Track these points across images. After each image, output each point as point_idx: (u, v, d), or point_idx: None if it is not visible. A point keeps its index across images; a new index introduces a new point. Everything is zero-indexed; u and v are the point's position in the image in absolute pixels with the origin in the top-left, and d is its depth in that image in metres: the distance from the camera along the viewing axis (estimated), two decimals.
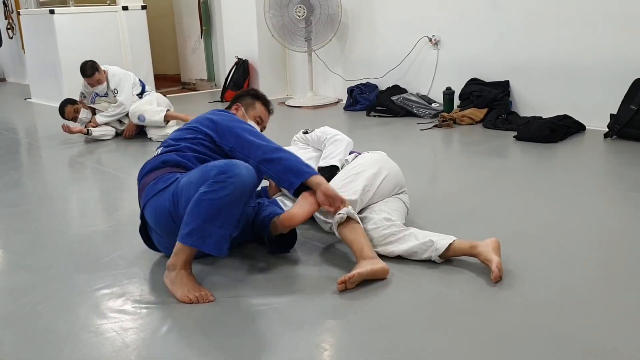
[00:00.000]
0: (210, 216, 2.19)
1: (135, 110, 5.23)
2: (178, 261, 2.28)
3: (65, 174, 4.44)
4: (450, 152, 4.80)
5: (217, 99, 7.37)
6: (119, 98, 5.28)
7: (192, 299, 2.23)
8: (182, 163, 2.53)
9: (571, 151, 4.34)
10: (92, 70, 5.19)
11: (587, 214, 3.05)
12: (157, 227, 2.47)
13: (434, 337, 1.96)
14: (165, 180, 2.44)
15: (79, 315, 2.19)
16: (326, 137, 3.04)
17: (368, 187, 2.68)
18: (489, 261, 2.30)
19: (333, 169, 2.87)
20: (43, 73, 7.72)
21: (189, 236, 2.22)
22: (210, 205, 2.19)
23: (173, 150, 2.59)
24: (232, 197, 2.21)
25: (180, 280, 2.27)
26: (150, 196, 2.44)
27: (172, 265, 2.30)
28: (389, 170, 2.82)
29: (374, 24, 6.38)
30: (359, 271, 2.28)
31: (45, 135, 5.96)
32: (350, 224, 2.48)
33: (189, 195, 2.26)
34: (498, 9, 5.32)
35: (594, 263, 2.47)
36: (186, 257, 2.29)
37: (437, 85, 5.85)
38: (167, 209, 2.37)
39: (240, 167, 2.25)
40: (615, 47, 4.69)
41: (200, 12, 8.39)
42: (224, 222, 2.22)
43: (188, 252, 2.28)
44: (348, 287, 2.27)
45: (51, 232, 3.12)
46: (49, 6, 7.57)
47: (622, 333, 1.94)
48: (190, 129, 2.66)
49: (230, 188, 2.20)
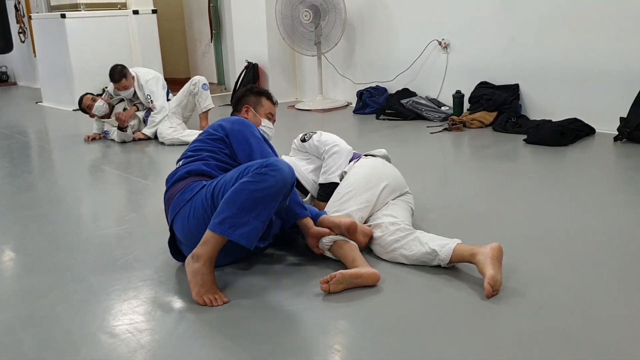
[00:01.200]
0: (247, 206, 2.19)
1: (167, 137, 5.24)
2: (204, 252, 2.25)
3: (77, 176, 4.48)
4: (460, 155, 4.81)
5: (227, 103, 7.41)
6: (157, 104, 5.32)
7: (205, 302, 2.24)
8: (207, 172, 2.54)
9: (581, 155, 4.34)
10: (119, 75, 5.26)
11: (597, 218, 3.05)
12: (188, 238, 2.44)
13: (444, 340, 1.97)
14: (191, 189, 2.45)
15: (95, 316, 2.22)
16: (324, 148, 2.98)
17: (366, 204, 2.71)
18: (483, 275, 2.24)
19: (333, 186, 2.89)
20: (54, 77, 7.79)
21: (220, 224, 2.21)
22: (249, 195, 2.20)
23: (196, 159, 2.60)
24: (272, 191, 2.22)
25: (201, 278, 2.26)
26: (179, 208, 2.44)
27: (196, 256, 2.26)
28: (387, 180, 2.81)
29: (383, 28, 6.40)
30: (342, 271, 2.30)
31: (56, 138, 6.02)
32: (339, 243, 2.52)
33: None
34: (509, 11, 5.33)
35: (604, 266, 2.47)
36: (213, 248, 2.25)
37: (447, 88, 5.87)
38: (201, 213, 2.37)
39: (282, 163, 2.30)
40: (624, 51, 4.69)
41: (210, 15, 8.44)
42: (259, 214, 2.22)
43: (216, 243, 2.24)
44: (332, 289, 2.27)
45: (66, 235, 3.15)
46: (60, 10, 7.64)
47: (634, 336, 1.94)
48: (208, 139, 2.68)
49: (271, 181, 2.22)
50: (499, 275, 2.22)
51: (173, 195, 2.51)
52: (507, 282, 2.31)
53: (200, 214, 2.37)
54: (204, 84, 5.36)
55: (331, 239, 2.52)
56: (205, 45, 8.81)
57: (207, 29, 8.64)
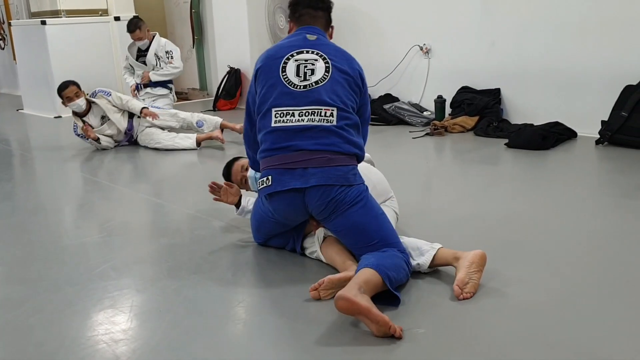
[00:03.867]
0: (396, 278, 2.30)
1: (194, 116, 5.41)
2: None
3: (57, 184, 4.43)
4: (442, 160, 4.81)
5: (210, 108, 7.38)
6: (175, 62, 6.38)
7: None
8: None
9: (563, 158, 4.36)
10: (134, 26, 6.21)
11: (578, 221, 3.06)
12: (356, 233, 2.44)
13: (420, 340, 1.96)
14: (362, 180, 2.50)
15: (70, 327, 2.18)
16: None
17: None
18: (455, 278, 2.28)
19: None
20: (35, 84, 7.71)
21: (390, 280, 2.23)
22: (399, 272, 2.32)
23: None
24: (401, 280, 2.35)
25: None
26: (361, 196, 2.43)
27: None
28: (372, 185, 2.78)
29: (365, 34, 6.40)
30: (329, 277, 2.28)
31: (37, 146, 5.95)
32: (330, 242, 2.53)
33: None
34: (489, 16, 5.35)
35: (586, 269, 2.47)
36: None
37: (429, 93, 5.88)
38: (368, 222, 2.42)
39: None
40: (605, 54, 4.72)
41: (192, 21, 8.41)
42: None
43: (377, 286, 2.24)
44: (322, 295, 2.26)
45: (43, 244, 3.10)
46: (40, 17, 7.57)
47: (613, 339, 1.94)
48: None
49: (404, 279, 2.37)
50: (468, 278, 2.24)
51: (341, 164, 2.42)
52: (488, 284, 2.31)
53: (367, 220, 2.40)
54: (197, 122, 5.38)
55: (324, 231, 2.55)
56: (187, 51, 8.77)
57: (189, 35, 8.60)
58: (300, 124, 2.40)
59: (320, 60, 2.50)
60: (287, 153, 2.40)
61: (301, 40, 2.57)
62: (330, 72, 2.47)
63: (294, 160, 2.38)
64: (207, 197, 3.05)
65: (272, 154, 2.44)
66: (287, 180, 2.38)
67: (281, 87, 2.45)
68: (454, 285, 2.24)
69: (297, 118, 2.40)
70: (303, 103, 2.42)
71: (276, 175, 2.41)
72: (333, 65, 2.49)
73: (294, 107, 2.42)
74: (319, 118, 2.40)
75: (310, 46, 2.54)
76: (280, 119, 2.42)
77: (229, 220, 3.19)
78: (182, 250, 2.86)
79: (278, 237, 2.73)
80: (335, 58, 2.53)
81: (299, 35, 2.61)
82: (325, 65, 2.48)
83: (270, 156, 2.45)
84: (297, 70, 2.47)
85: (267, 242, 2.79)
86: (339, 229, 2.44)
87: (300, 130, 2.39)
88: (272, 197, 2.46)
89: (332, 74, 2.47)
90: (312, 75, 2.46)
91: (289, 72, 2.47)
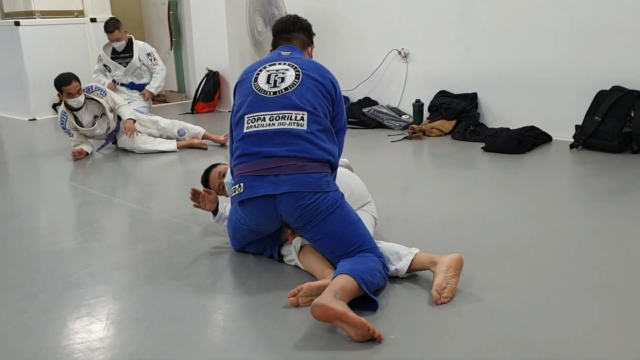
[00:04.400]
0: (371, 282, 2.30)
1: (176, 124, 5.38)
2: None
3: (32, 189, 4.36)
4: (420, 163, 4.84)
5: (188, 111, 7.34)
6: (159, 62, 6.52)
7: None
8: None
9: (538, 162, 4.41)
10: (113, 27, 6.25)
11: (553, 224, 3.10)
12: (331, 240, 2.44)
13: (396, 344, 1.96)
14: (335, 187, 2.49)
15: (45, 336, 2.15)
16: None
17: None
18: (433, 282, 2.29)
19: None
20: (8, 86, 7.59)
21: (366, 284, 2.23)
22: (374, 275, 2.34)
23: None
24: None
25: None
26: (338, 203, 2.43)
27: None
28: (350, 190, 2.81)
29: (344, 37, 6.41)
30: (308, 284, 2.28)
31: (11, 149, 5.86)
32: (307, 250, 2.53)
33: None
34: (466, 21, 5.40)
35: (560, 273, 2.50)
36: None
37: (407, 97, 5.91)
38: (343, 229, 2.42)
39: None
40: (579, 60, 4.79)
41: (170, 23, 8.36)
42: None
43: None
44: (300, 302, 2.26)
45: (17, 250, 3.05)
46: (14, 18, 7.46)
47: (588, 341, 1.97)
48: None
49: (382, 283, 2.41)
50: (446, 283, 2.26)
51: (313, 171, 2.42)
52: (464, 289, 2.33)
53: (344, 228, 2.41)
54: (179, 130, 5.35)
55: (300, 240, 2.54)
56: (165, 53, 8.71)
57: (166, 37, 8.55)
58: (270, 128, 2.44)
59: (290, 69, 2.58)
60: (258, 160, 2.42)
61: (275, 56, 2.71)
62: (300, 79, 2.54)
63: (265, 167, 2.40)
64: (186, 203, 3.03)
65: (244, 161, 2.47)
66: (258, 187, 2.40)
67: (253, 96, 2.53)
68: (432, 291, 2.26)
69: (267, 122, 2.45)
70: (273, 108, 2.47)
71: (248, 182, 2.43)
72: (303, 73, 2.56)
73: (265, 112, 2.47)
74: (290, 122, 2.44)
75: (283, 59, 2.65)
76: (252, 124, 2.48)
77: (207, 225, 3.17)
78: (160, 256, 2.84)
79: (255, 243, 2.73)
80: (307, 68, 2.60)
81: (275, 53, 2.75)
82: (295, 73, 2.56)
83: (242, 163, 2.48)
84: (267, 78, 2.56)
85: (245, 249, 2.78)
86: (316, 238, 2.45)
87: (271, 136, 2.43)
88: (244, 204, 2.48)
89: (302, 80, 2.54)
90: (282, 82, 2.53)
91: (260, 81, 2.56)
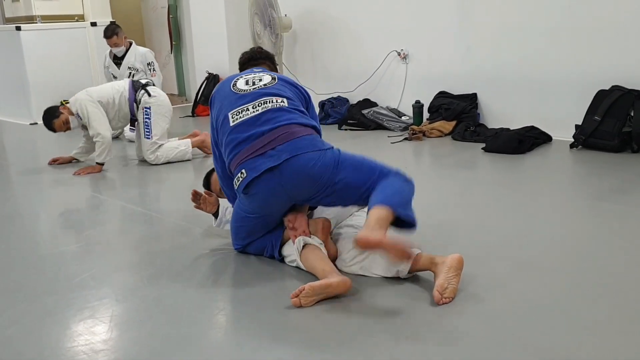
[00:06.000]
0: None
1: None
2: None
3: (34, 192, 4.38)
4: (420, 164, 4.85)
5: (188, 114, 7.36)
6: (158, 75, 6.26)
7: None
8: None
9: (538, 162, 4.42)
10: (111, 32, 6.12)
11: (554, 225, 3.11)
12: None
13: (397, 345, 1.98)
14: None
15: (49, 337, 2.16)
16: None
17: (333, 215, 2.76)
18: (434, 283, 2.30)
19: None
20: (10, 90, 7.62)
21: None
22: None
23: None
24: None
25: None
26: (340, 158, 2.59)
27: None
28: None
29: (343, 39, 6.43)
30: (310, 284, 2.29)
31: (13, 153, 5.88)
32: (309, 250, 2.53)
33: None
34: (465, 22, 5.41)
35: (562, 273, 2.51)
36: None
37: (407, 98, 5.92)
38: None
39: None
40: (579, 60, 4.80)
41: (170, 26, 8.38)
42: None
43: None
44: (303, 302, 2.27)
45: (21, 253, 3.07)
46: (15, 22, 7.49)
47: (590, 342, 1.98)
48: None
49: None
50: (447, 283, 2.27)
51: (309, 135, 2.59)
52: (466, 289, 2.34)
53: (359, 164, 2.61)
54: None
55: (303, 240, 2.54)
56: (165, 57, 8.74)
57: (166, 40, 8.57)
58: (255, 114, 2.58)
59: (266, 75, 2.80)
60: (251, 142, 2.52)
61: (249, 71, 2.88)
62: (277, 80, 2.76)
63: (259, 146, 2.51)
64: (188, 205, 3.05)
65: (238, 150, 2.54)
66: (259, 165, 2.48)
67: (233, 97, 2.69)
68: (434, 291, 2.27)
69: (251, 111, 2.61)
70: (254, 99, 2.64)
71: (248, 165, 2.50)
72: (278, 78, 2.79)
73: (247, 104, 2.63)
74: (272, 104, 2.61)
75: (258, 70, 2.88)
76: (237, 117, 2.61)
77: (209, 227, 3.18)
78: (162, 258, 2.86)
79: (256, 242, 2.74)
80: (280, 76, 2.83)
81: (247, 70, 2.96)
82: (271, 77, 2.77)
83: (237, 153, 2.55)
84: (245, 82, 2.75)
85: (246, 249, 2.79)
86: (337, 188, 2.51)
87: (258, 117, 2.57)
88: (250, 188, 2.52)
89: (277, 81, 2.75)
90: (260, 81, 2.73)
91: (238, 84, 2.73)
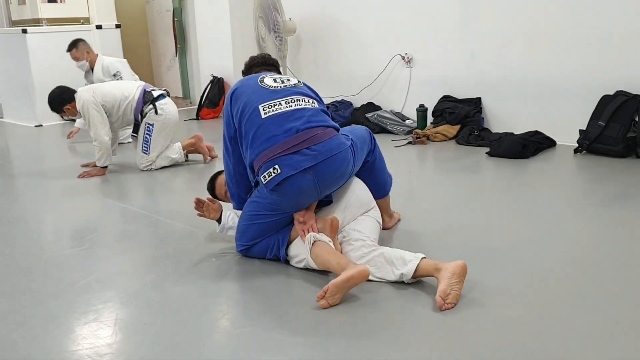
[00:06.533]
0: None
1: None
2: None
3: (39, 195, 4.40)
4: (424, 168, 4.85)
5: (193, 117, 7.37)
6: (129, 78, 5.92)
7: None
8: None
9: (542, 167, 4.42)
10: (70, 46, 5.98)
11: (558, 230, 3.11)
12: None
13: (400, 350, 1.98)
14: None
15: (54, 341, 2.17)
16: None
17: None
18: (437, 288, 2.30)
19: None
20: (15, 93, 7.65)
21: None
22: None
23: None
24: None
25: None
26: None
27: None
28: (357, 195, 2.83)
29: (347, 43, 6.44)
30: (333, 282, 2.29)
31: (18, 155, 5.90)
32: (319, 246, 2.53)
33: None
34: (470, 26, 5.42)
35: (564, 278, 2.52)
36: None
37: (411, 102, 5.93)
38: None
39: None
40: (583, 65, 4.80)
41: (174, 30, 8.40)
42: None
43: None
44: (330, 302, 2.28)
45: (25, 256, 3.08)
46: (21, 25, 7.52)
47: (593, 349, 1.98)
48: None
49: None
50: (450, 289, 2.27)
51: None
52: (469, 295, 2.34)
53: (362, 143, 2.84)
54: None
55: (313, 237, 2.53)
56: (170, 60, 8.76)
57: (171, 43, 8.59)
58: (289, 109, 2.59)
59: (292, 77, 2.86)
60: (285, 138, 2.51)
61: (269, 72, 2.91)
62: (302, 83, 2.82)
63: (295, 143, 2.51)
64: (192, 208, 3.05)
65: (271, 144, 2.53)
66: (296, 163, 2.48)
67: (263, 91, 2.68)
68: (437, 297, 2.27)
69: (284, 106, 2.61)
70: (287, 95, 2.67)
71: (283, 161, 2.49)
72: (303, 82, 2.85)
73: (279, 99, 2.62)
74: (305, 103, 2.65)
75: (279, 73, 2.99)
76: (270, 110, 2.59)
77: (212, 231, 3.19)
78: (166, 261, 2.87)
79: (261, 243, 2.74)
80: (303, 82, 2.86)
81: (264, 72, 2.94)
82: (296, 79, 2.83)
83: (269, 147, 2.53)
84: (274, 80, 2.76)
85: (249, 252, 2.80)
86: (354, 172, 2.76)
87: (292, 113, 2.57)
88: (281, 185, 2.51)
89: (303, 84, 2.81)
90: (289, 81, 2.77)
91: (266, 81, 2.73)
